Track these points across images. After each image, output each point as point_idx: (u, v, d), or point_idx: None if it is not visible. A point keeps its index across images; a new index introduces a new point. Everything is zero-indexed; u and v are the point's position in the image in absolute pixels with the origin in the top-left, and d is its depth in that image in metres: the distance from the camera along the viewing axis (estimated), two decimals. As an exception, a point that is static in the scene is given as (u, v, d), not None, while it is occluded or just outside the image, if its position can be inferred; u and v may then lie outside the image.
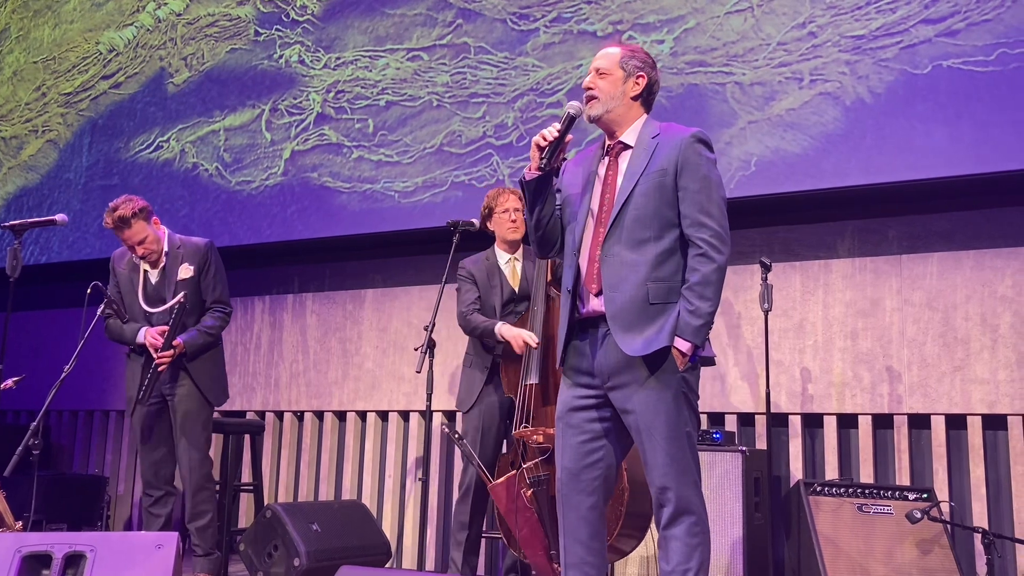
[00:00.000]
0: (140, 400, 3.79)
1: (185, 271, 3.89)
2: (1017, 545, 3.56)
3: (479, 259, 3.86)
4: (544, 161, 2.50)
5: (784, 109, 3.98)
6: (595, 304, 2.51)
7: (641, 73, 2.59)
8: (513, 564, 3.80)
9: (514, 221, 3.80)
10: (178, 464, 3.90)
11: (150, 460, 3.92)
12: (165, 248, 3.92)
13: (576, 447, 2.52)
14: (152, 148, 5.87)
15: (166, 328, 3.79)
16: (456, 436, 3.54)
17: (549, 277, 3.56)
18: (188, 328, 3.87)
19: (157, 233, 3.91)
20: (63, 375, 3.56)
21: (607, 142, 2.64)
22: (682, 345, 2.40)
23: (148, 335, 3.81)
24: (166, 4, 6.03)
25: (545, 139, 2.50)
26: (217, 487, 4.20)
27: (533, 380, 3.43)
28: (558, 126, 2.50)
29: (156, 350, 3.76)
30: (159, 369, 3.74)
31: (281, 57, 5.45)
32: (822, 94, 3.91)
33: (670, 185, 2.48)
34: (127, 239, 3.84)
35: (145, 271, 3.94)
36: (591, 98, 2.58)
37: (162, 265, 3.92)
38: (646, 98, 2.62)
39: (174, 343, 3.77)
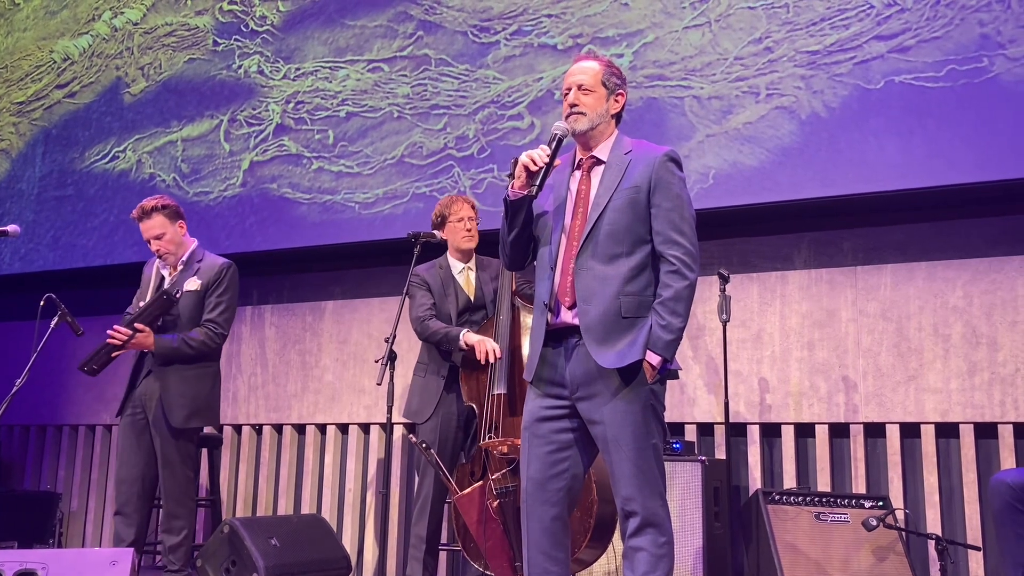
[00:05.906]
0: (79, 366, 3.78)
1: (192, 283, 3.92)
2: (969, 551, 3.64)
3: (432, 267, 3.85)
4: (536, 187, 2.50)
5: (741, 123, 4.04)
6: (567, 316, 2.53)
7: (621, 91, 2.64)
8: (476, 576, 3.77)
9: (468, 230, 3.80)
10: (160, 478, 3.86)
11: (120, 475, 3.88)
12: (185, 257, 3.98)
13: (542, 457, 2.52)
14: (108, 158, 5.79)
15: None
16: (423, 445, 3.48)
17: (514, 287, 3.56)
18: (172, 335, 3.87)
19: (180, 236, 3.97)
20: (14, 389, 3.50)
21: (578, 156, 2.66)
22: (653, 359, 2.44)
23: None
24: (123, 13, 5.96)
25: (535, 163, 2.50)
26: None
27: (501, 390, 3.41)
28: (547, 149, 2.51)
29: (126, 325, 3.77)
30: (107, 341, 3.72)
31: (240, 67, 5.41)
32: (778, 108, 3.98)
33: (643, 202, 2.52)
34: (145, 231, 3.92)
35: (162, 276, 4.00)
36: (578, 113, 2.58)
37: (178, 271, 3.97)
38: (620, 115, 2.67)
39: (138, 327, 3.73)
